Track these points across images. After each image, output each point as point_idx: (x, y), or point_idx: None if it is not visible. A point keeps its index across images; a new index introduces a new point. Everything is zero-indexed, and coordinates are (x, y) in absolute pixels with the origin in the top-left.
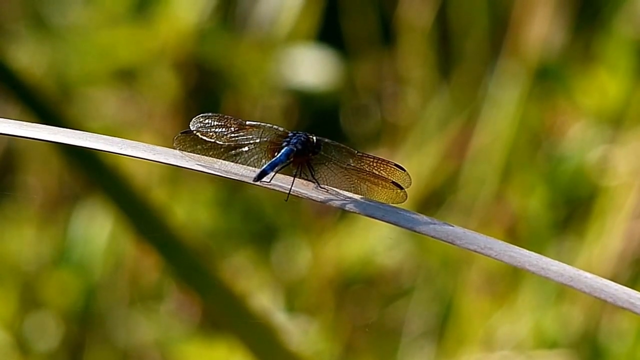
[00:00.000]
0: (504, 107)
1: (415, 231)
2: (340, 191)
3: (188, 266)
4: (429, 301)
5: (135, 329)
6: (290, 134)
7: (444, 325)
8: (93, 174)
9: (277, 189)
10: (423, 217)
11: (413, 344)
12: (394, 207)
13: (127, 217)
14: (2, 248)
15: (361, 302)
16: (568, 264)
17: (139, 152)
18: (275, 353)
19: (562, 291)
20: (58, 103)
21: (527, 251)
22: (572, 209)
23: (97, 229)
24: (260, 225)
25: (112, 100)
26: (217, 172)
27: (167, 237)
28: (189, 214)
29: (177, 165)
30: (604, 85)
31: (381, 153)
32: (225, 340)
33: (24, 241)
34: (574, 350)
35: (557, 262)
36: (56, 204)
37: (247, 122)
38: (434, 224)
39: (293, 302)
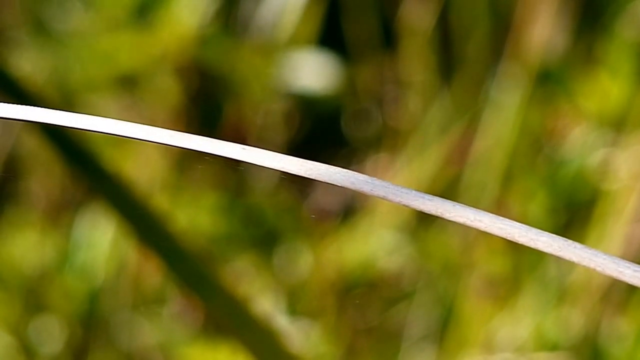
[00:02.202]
0: (505, 110)
1: (403, 204)
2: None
3: (190, 271)
4: (430, 304)
5: (138, 332)
6: None
7: (445, 328)
8: (95, 179)
9: None
10: (412, 191)
11: (414, 347)
12: (383, 181)
13: (129, 222)
14: (6, 253)
15: (362, 305)
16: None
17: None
18: (277, 356)
19: (563, 294)
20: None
21: (517, 223)
22: (573, 213)
23: (99, 233)
24: (262, 230)
25: (113, 106)
26: None
27: (169, 242)
28: (191, 219)
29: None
30: (605, 89)
31: (382, 157)
32: (227, 343)
33: (27, 246)
34: (574, 352)
35: (546, 232)
36: (59, 210)
37: None
38: (423, 197)
39: (295, 305)
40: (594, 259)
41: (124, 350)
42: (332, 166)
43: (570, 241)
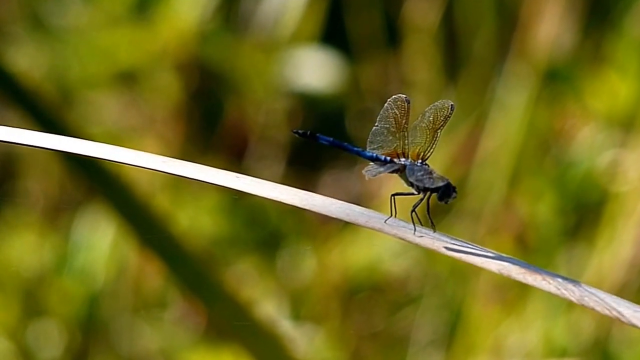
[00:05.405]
0: (512, 110)
1: (399, 238)
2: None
3: (192, 274)
4: (437, 309)
5: (139, 337)
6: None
7: (452, 333)
8: (95, 180)
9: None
10: (408, 225)
11: (421, 352)
12: (379, 213)
13: (130, 223)
14: (4, 255)
15: (368, 310)
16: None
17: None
18: None
19: None
20: (58, 107)
21: (516, 259)
22: (582, 215)
23: (99, 235)
24: (265, 232)
25: (113, 103)
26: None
27: (170, 244)
28: (193, 221)
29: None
30: (614, 88)
31: None
32: (230, 348)
33: (25, 248)
34: (584, 358)
35: (544, 270)
36: (58, 211)
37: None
38: (420, 231)
39: (298, 310)
40: (592, 297)
41: (124, 355)
42: (327, 197)
43: (569, 279)
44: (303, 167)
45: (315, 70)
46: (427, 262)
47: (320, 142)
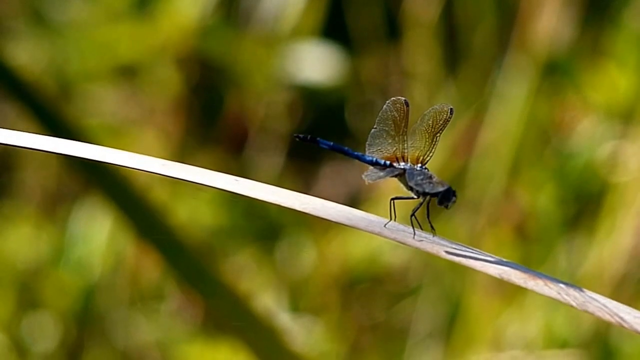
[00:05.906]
0: (511, 102)
1: (399, 242)
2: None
3: (189, 266)
4: (436, 300)
5: (135, 329)
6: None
7: (451, 325)
8: (92, 172)
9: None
10: (407, 228)
11: (420, 344)
12: (379, 217)
13: (127, 215)
14: (0, 247)
15: (367, 301)
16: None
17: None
18: (279, 354)
19: None
20: (58, 101)
21: (518, 265)
22: (582, 206)
23: (96, 227)
24: (264, 224)
25: (113, 97)
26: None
27: (168, 236)
28: (191, 213)
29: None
30: (613, 80)
31: None
32: (227, 341)
33: (21, 240)
34: (584, 350)
35: (544, 274)
36: (54, 203)
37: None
38: (418, 235)
39: (297, 302)
40: (594, 303)
41: (120, 348)
42: (327, 201)
43: (570, 284)
44: (303, 159)
45: (316, 63)
46: (426, 254)
47: (321, 146)
